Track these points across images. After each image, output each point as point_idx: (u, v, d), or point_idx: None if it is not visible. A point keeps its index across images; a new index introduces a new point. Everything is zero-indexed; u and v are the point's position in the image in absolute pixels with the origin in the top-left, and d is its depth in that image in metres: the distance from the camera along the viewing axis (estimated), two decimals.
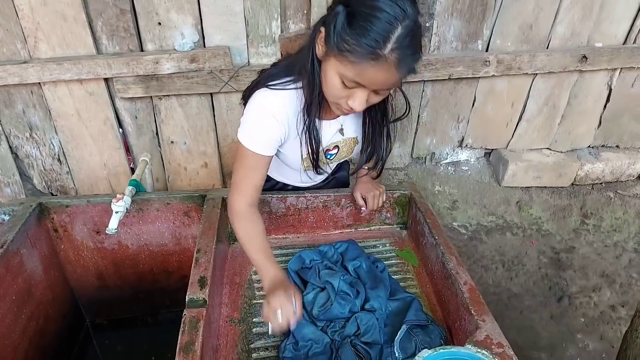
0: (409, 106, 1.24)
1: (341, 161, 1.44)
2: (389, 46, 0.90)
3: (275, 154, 1.26)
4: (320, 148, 1.24)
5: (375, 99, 1.06)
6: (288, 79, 1.15)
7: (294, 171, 1.37)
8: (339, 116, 1.24)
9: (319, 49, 1.02)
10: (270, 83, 1.16)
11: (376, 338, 1.14)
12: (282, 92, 1.15)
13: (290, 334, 1.15)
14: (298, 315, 1.09)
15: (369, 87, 1.00)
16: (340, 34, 0.93)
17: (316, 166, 1.26)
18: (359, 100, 1.02)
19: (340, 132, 1.28)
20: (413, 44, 0.93)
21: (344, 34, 0.93)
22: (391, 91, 1.18)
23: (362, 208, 1.49)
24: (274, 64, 1.27)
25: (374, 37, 0.90)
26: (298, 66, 1.11)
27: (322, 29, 0.99)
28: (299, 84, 1.14)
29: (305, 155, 1.26)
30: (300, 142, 1.21)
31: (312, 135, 1.19)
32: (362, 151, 1.30)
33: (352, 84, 0.99)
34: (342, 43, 0.93)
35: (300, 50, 1.12)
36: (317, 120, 1.19)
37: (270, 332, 1.10)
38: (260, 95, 1.16)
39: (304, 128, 1.17)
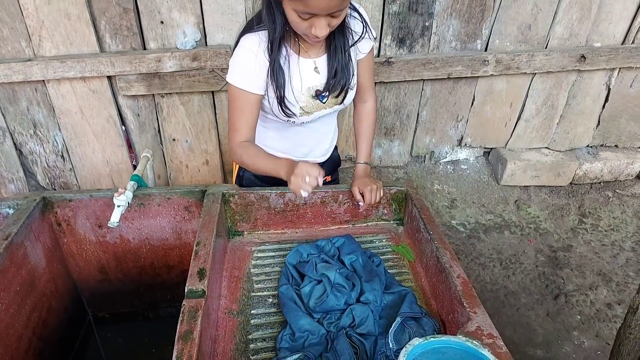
0: (367, 27, 1.35)
1: (338, 110, 1.50)
2: None
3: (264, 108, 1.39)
4: (289, 83, 1.32)
5: (335, 22, 1.16)
6: (261, 24, 1.26)
7: (282, 124, 1.46)
8: (317, 53, 1.35)
9: None
10: (247, 30, 1.29)
11: (371, 330, 1.17)
12: (258, 33, 1.26)
13: (287, 325, 1.18)
14: (322, 173, 1.22)
15: (321, 14, 1.11)
16: None
17: (281, 102, 1.34)
18: (319, 27, 1.13)
19: (316, 71, 1.36)
20: None
21: None
22: (347, 18, 1.29)
23: (360, 203, 1.50)
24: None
25: None
26: (260, 13, 1.24)
27: None
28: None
29: (273, 96, 1.35)
30: (269, 80, 1.31)
31: (276, 71, 1.28)
32: (329, 78, 1.36)
33: (307, 16, 1.11)
34: None
35: None
36: (296, 56, 1.32)
37: (305, 197, 1.36)
38: (241, 40, 1.29)
39: (270, 64, 1.28)
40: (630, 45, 2.61)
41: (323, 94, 1.39)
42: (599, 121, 2.89)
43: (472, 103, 2.71)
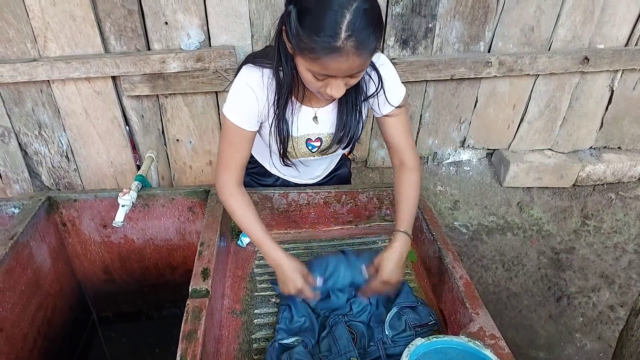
0: (381, 80, 1.23)
1: (327, 157, 1.43)
2: (342, 36, 0.91)
3: (259, 133, 1.31)
4: (291, 138, 1.27)
5: (353, 81, 1.07)
6: (269, 60, 1.16)
7: (274, 155, 1.39)
8: (320, 104, 1.27)
9: (288, 47, 1.04)
10: (253, 60, 1.20)
11: (364, 318, 1.21)
12: (264, 69, 1.17)
13: (287, 308, 1.24)
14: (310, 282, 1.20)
15: (339, 76, 1.02)
16: (296, 35, 0.96)
17: (283, 155, 1.30)
18: (336, 88, 1.05)
19: (315, 120, 1.29)
20: (368, 24, 0.92)
21: (298, 34, 0.95)
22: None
23: (365, 276, 1.26)
24: (267, 46, 1.30)
25: (324, 32, 0.91)
26: (270, 56, 1.14)
27: (284, 28, 1.01)
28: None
29: (274, 144, 1.30)
30: (270, 131, 1.26)
31: (281, 127, 1.23)
32: (337, 128, 1.28)
33: (322, 77, 1.02)
34: (300, 43, 0.96)
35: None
36: (297, 104, 1.25)
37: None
38: (243, 71, 1.20)
39: (274, 118, 1.22)
40: (633, 47, 2.61)
41: (313, 144, 1.34)
42: (602, 123, 2.89)
43: (475, 105, 2.72)
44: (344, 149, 1.35)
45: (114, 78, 2.24)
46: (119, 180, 2.53)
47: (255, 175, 1.58)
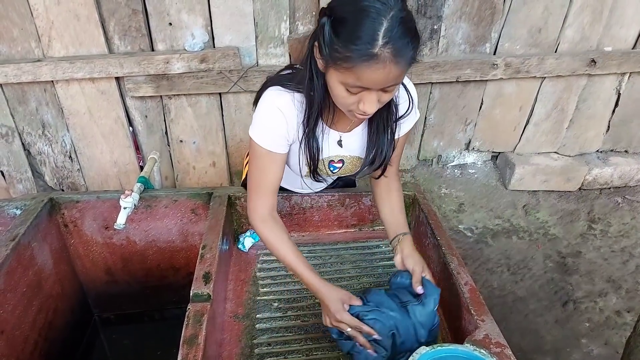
0: (412, 104, 1.21)
1: (344, 176, 1.41)
2: (379, 43, 0.88)
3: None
4: (320, 157, 1.23)
5: (386, 97, 1.02)
6: (297, 84, 1.13)
7: (295, 176, 1.37)
8: (353, 124, 1.23)
9: (320, 63, 1.01)
10: (280, 83, 1.16)
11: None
12: (292, 93, 1.14)
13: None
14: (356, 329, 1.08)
15: (373, 88, 0.98)
16: (330, 45, 0.93)
17: (314, 172, 1.26)
18: (369, 102, 1.00)
19: (339, 144, 1.26)
20: (405, 33, 0.90)
21: (333, 44, 0.92)
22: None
23: (418, 288, 1.17)
24: (286, 67, 1.26)
25: (362, 40, 0.89)
26: (299, 78, 1.11)
27: (316, 44, 0.99)
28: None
29: (304, 163, 1.25)
30: (300, 148, 1.21)
31: (311, 145, 1.19)
32: (367, 151, 1.26)
33: (356, 89, 0.97)
34: (334, 53, 0.93)
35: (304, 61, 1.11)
36: (325, 127, 1.20)
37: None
38: (270, 93, 1.15)
39: (303, 136, 1.17)
40: None
41: (335, 165, 1.32)
42: (609, 126, 2.86)
43: (481, 106, 2.69)
44: (374, 170, 1.29)
45: (117, 78, 2.23)
46: (122, 180, 2.53)
47: None
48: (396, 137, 1.25)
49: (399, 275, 1.20)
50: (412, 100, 1.21)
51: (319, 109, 1.12)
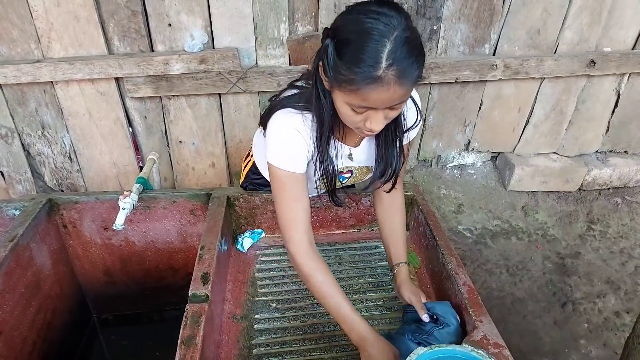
0: (420, 114, 1.21)
1: (352, 183, 1.41)
2: (383, 65, 0.88)
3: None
4: (337, 172, 1.22)
5: (393, 114, 1.02)
6: (306, 103, 1.12)
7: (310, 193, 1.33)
8: (361, 138, 1.23)
9: (325, 83, 1.01)
10: (288, 105, 1.14)
11: None
12: (301, 113, 1.12)
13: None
14: None
15: (379, 108, 0.98)
16: (334, 68, 0.93)
17: (332, 194, 1.23)
18: (376, 121, 1.00)
19: (349, 158, 1.26)
20: (410, 52, 0.90)
21: (337, 66, 0.92)
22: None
23: (424, 316, 1.19)
24: (289, 85, 1.24)
25: (365, 62, 0.88)
26: (306, 97, 1.10)
27: (321, 64, 0.98)
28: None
29: (319, 182, 1.24)
30: (315, 167, 1.18)
31: (326, 163, 1.16)
32: (376, 164, 1.24)
33: (362, 109, 0.98)
34: (338, 76, 0.93)
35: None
36: (336, 142, 1.19)
37: None
38: (281, 116, 1.13)
39: (317, 156, 1.15)
40: None
41: (344, 175, 1.32)
42: (608, 127, 2.86)
43: (480, 107, 2.70)
44: (384, 183, 1.27)
45: (117, 79, 2.23)
46: (122, 181, 2.53)
47: (258, 185, 1.57)
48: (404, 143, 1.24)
49: (409, 309, 1.22)
50: (419, 108, 1.21)
51: (330, 127, 1.11)
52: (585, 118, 2.80)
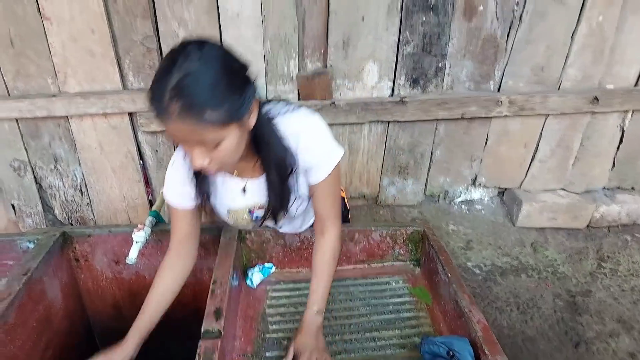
0: (296, 156, 1.19)
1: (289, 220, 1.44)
2: (166, 97, 0.89)
3: None
4: (229, 208, 1.31)
5: (217, 154, 0.99)
6: None
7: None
8: (255, 170, 1.24)
9: None
10: None
11: None
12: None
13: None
14: None
15: (185, 144, 0.98)
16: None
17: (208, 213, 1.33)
18: (192, 157, 1.00)
19: (243, 191, 1.30)
20: (199, 88, 0.89)
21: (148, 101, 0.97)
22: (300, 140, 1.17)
23: None
24: None
25: (155, 95, 0.92)
26: None
27: None
28: None
29: (229, 218, 1.36)
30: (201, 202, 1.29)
31: (202, 195, 1.25)
32: (267, 206, 1.27)
33: (181, 143, 1.02)
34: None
35: None
36: (228, 175, 1.27)
37: None
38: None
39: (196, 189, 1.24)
40: None
41: (256, 215, 1.36)
42: (614, 163, 2.87)
43: (486, 143, 2.72)
44: (266, 219, 1.34)
45: (130, 114, 2.27)
46: (131, 214, 2.54)
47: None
48: (309, 183, 1.24)
49: (427, 342, 1.20)
50: (298, 152, 1.16)
51: None
52: (592, 154, 2.81)
